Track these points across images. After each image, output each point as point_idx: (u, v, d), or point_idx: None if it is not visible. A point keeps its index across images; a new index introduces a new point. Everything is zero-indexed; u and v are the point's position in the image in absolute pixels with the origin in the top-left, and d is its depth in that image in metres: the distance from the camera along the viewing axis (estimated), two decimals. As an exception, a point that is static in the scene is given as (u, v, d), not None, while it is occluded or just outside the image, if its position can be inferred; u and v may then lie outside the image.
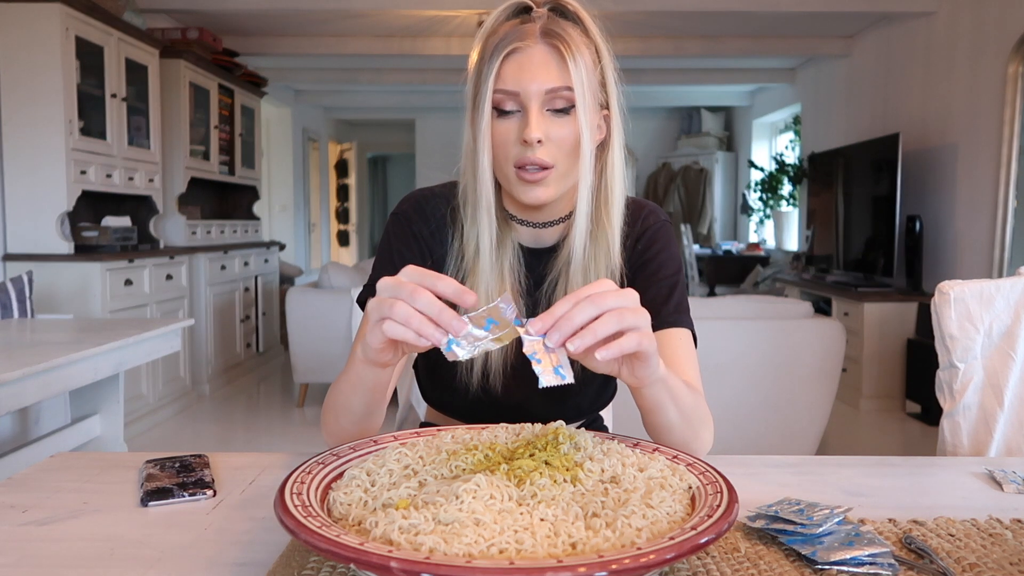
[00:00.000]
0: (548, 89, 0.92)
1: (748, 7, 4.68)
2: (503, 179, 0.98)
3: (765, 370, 2.88)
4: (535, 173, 0.94)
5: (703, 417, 0.92)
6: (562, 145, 0.94)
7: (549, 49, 0.92)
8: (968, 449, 1.20)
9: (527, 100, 0.92)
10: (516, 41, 0.92)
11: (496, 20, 0.98)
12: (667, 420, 0.86)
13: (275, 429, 4.02)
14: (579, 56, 0.92)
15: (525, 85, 0.92)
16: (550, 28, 0.93)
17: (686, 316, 1.02)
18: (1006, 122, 3.79)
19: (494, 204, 0.98)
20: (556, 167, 0.95)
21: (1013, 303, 1.20)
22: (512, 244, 1.03)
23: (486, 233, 0.98)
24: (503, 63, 0.92)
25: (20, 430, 2.33)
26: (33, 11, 3.29)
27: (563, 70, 0.92)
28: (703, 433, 0.92)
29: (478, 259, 0.99)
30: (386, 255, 1.06)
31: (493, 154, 0.96)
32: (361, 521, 0.63)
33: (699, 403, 0.91)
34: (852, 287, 4.49)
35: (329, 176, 9.82)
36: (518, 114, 0.94)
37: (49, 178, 3.37)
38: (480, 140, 0.95)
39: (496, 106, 0.94)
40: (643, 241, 1.06)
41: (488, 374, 1.02)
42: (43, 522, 0.77)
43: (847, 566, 0.65)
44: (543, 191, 0.95)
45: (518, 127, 0.94)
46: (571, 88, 0.92)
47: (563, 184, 0.97)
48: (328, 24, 5.25)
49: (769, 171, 7.02)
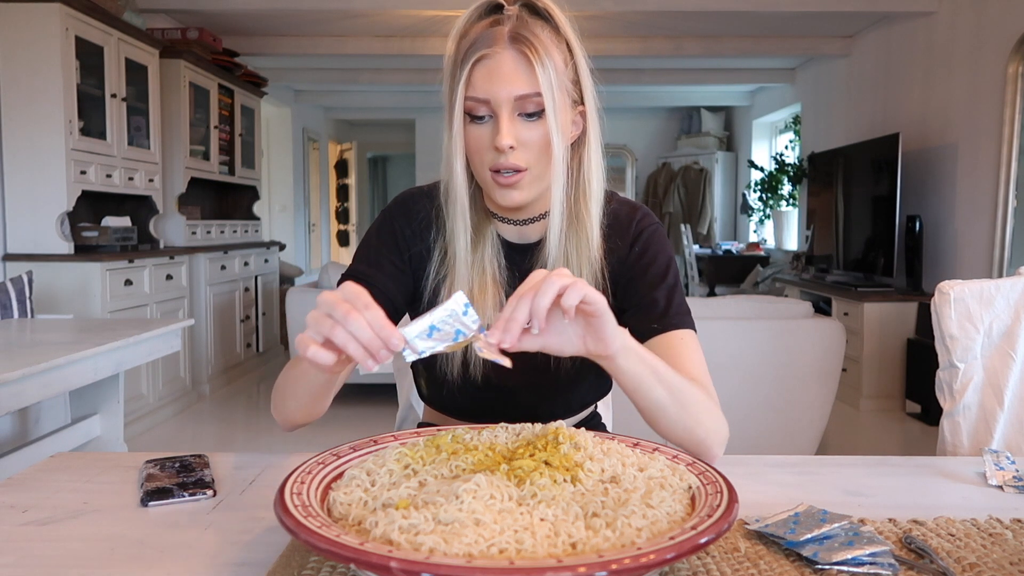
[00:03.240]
0: (517, 96, 0.93)
1: (748, 7, 4.68)
2: (481, 182, 1.01)
3: (765, 370, 2.88)
4: (509, 177, 0.96)
5: (704, 404, 0.91)
6: (534, 148, 0.96)
7: (517, 55, 0.93)
8: (968, 449, 1.20)
9: (497, 107, 0.94)
10: (485, 47, 0.93)
11: (468, 20, 0.99)
12: (656, 400, 0.86)
13: (275, 429, 4.01)
14: (548, 60, 0.93)
15: (495, 92, 0.93)
16: (519, 32, 0.94)
17: (688, 317, 1.04)
18: (1006, 122, 3.79)
19: (468, 206, 1.01)
20: (530, 170, 0.97)
21: (1013, 303, 1.20)
22: (493, 241, 1.05)
23: (461, 234, 1.01)
24: (473, 70, 0.94)
25: (20, 430, 2.33)
26: (33, 11, 3.29)
27: (531, 76, 0.93)
28: (707, 421, 0.91)
29: (457, 257, 1.02)
30: (364, 249, 1.09)
31: (468, 159, 0.98)
32: (361, 521, 0.63)
33: (696, 390, 0.91)
34: (852, 287, 4.49)
35: (329, 176, 9.82)
36: (490, 120, 0.95)
37: (49, 178, 3.37)
38: (453, 143, 0.97)
39: (468, 112, 0.96)
40: (640, 244, 1.07)
41: (468, 363, 1.05)
42: (43, 522, 0.77)
43: (847, 566, 0.65)
44: (518, 194, 0.98)
45: (490, 133, 0.95)
46: (540, 94, 0.93)
47: (538, 185, 0.99)
48: (328, 24, 5.25)
49: (769, 171, 7.02)
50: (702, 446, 0.92)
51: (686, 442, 0.92)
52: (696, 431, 0.90)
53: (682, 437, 0.91)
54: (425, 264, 1.06)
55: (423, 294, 1.07)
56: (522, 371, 1.07)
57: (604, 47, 5.53)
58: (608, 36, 5.55)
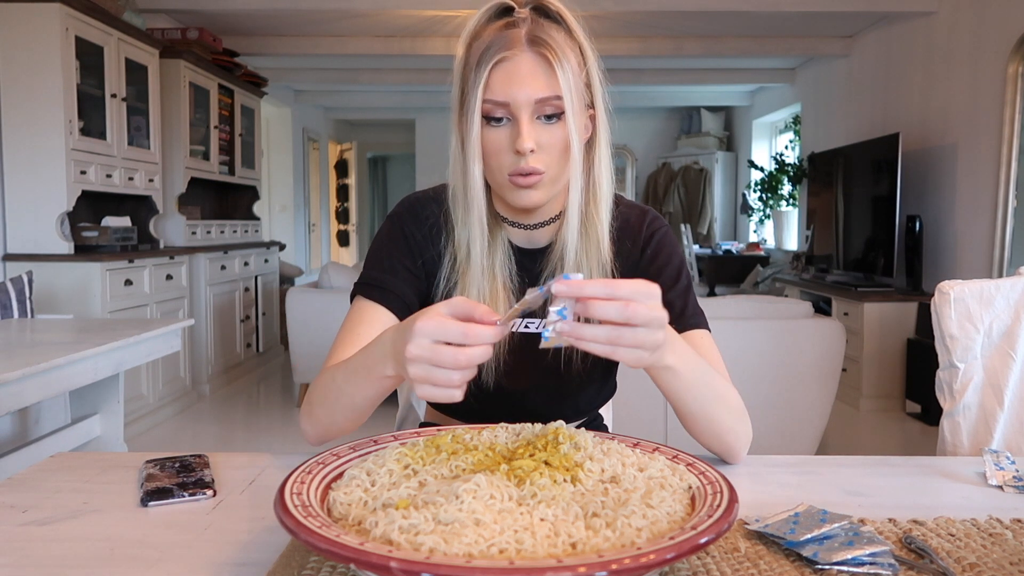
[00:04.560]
0: (538, 99, 0.93)
1: (748, 7, 4.68)
2: (495, 185, 1.00)
3: (765, 370, 2.88)
4: (528, 178, 0.95)
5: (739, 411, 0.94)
6: (552, 151, 0.95)
7: (536, 57, 0.92)
8: (968, 449, 1.20)
9: (517, 110, 0.93)
10: (503, 50, 0.92)
11: (479, 22, 0.98)
12: (693, 412, 0.89)
13: (275, 429, 4.02)
14: (566, 62, 0.93)
15: (514, 95, 0.92)
16: (536, 35, 0.93)
17: (703, 317, 1.06)
18: (1006, 122, 3.79)
19: (484, 204, 1.00)
20: (547, 172, 0.96)
21: (1013, 303, 1.20)
22: (503, 246, 1.05)
23: (477, 238, 1.00)
24: (491, 73, 0.93)
25: (20, 430, 2.33)
26: (33, 11, 3.29)
27: (551, 78, 0.92)
28: (738, 426, 0.93)
29: (469, 261, 1.01)
30: (376, 255, 1.08)
31: (485, 162, 0.97)
32: (361, 521, 0.63)
33: (733, 396, 0.94)
34: (852, 287, 4.49)
35: (329, 176, 9.81)
36: (508, 123, 0.94)
37: (49, 178, 3.37)
38: (470, 149, 0.96)
39: (485, 115, 0.94)
40: (652, 247, 1.08)
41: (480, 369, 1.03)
42: (43, 522, 0.77)
43: (847, 566, 0.65)
44: (536, 194, 0.97)
45: (509, 136, 0.94)
46: (560, 96, 0.93)
47: (554, 187, 0.99)
48: (328, 24, 5.25)
49: (769, 171, 7.02)
50: (731, 451, 0.95)
51: (715, 446, 0.94)
52: (726, 437, 0.93)
53: (711, 442, 0.94)
54: (437, 269, 1.06)
55: (435, 299, 1.06)
56: (532, 375, 1.07)
57: (604, 47, 5.46)
58: (608, 36, 5.55)
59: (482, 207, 0.99)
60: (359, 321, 1.02)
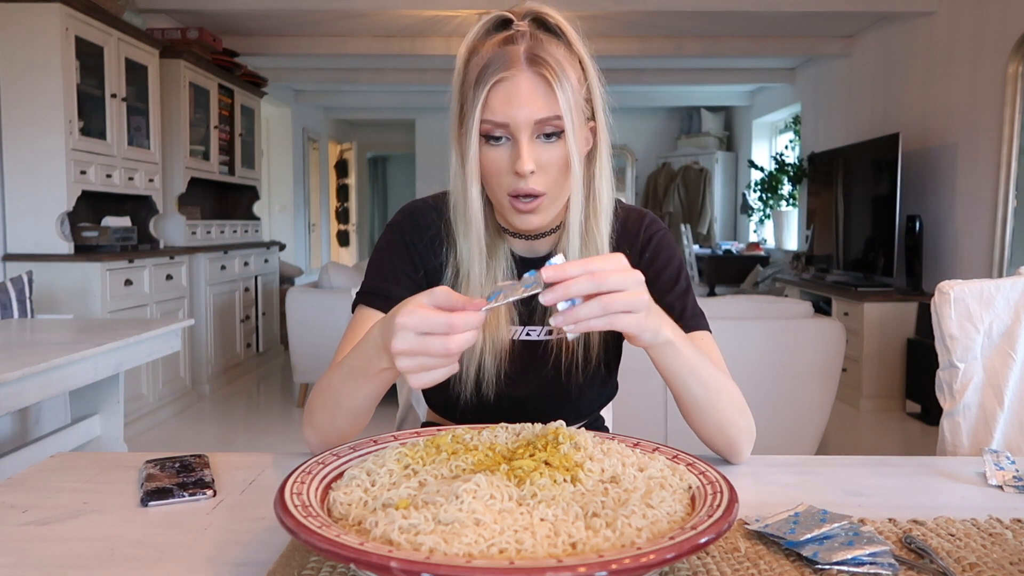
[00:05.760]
0: (537, 119, 0.91)
1: (748, 7, 4.68)
2: (496, 203, 1.00)
3: (765, 370, 2.88)
4: (528, 203, 0.95)
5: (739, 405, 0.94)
6: (552, 170, 0.94)
7: (535, 77, 0.91)
8: (968, 449, 1.20)
9: (516, 131, 0.92)
10: (502, 70, 0.91)
11: (477, 35, 0.96)
12: (694, 397, 0.89)
13: (275, 429, 4.02)
14: (565, 81, 0.91)
15: (514, 116, 0.91)
16: (535, 53, 0.91)
17: (703, 318, 1.06)
18: (1006, 122, 3.79)
19: (483, 224, 1.00)
20: (548, 193, 0.95)
21: (1013, 303, 1.20)
22: (504, 255, 1.05)
23: (476, 255, 1.00)
24: (490, 93, 0.91)
25: (20, 430, 2.33)
26: (33, 11, 3.29)
27: (551, 98, 0.91)
28: (740, 420, 0.94)
29: (471, 276, 1.02)
30: (378, 264, 1.07)
31: (484, 181, 0.97)
32: (361, 521, 0.63)
33: (733, 389, 0.94)
34: (852, 287, 4.49)
35: (329, 176, 9.81)
36: (507, 142, 0.93)
37: (49, 178, 3.37)
38: (469, 168, 0.95)
39: (484, 134, 0.93)
40: (650, 250, 1.08)
41: (481, 383, 1.04)
42: (43, 522, 0.77)
43: (847, 566, 0.65)
44: (536, 219, 0.97)
45: (509, 156, 0.93)
46: (560, 116, 0.91)
47: (555, 208, 0.99)
48: (328, 24, 5.25)
49: (769, 171, 7.02)
50: (734, 447, 0.94)
51: (717, 440, 0.94)
52: (728, 430, 0.93)
53: (713, 434, 0.93)
54: (438, 280, 1.06)
55: None
56: (533, 383, 1.07)
57: (604, 47, 5.52)
58: (608, 36, 5.55)
59: (480, 226, 0.99)
60: (361, 330, 1.01)
